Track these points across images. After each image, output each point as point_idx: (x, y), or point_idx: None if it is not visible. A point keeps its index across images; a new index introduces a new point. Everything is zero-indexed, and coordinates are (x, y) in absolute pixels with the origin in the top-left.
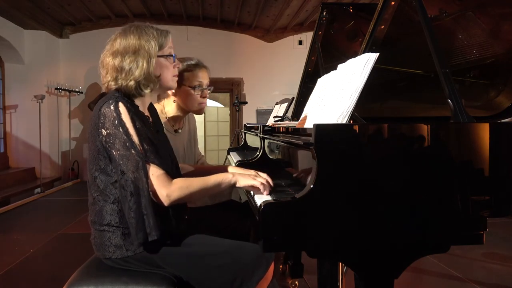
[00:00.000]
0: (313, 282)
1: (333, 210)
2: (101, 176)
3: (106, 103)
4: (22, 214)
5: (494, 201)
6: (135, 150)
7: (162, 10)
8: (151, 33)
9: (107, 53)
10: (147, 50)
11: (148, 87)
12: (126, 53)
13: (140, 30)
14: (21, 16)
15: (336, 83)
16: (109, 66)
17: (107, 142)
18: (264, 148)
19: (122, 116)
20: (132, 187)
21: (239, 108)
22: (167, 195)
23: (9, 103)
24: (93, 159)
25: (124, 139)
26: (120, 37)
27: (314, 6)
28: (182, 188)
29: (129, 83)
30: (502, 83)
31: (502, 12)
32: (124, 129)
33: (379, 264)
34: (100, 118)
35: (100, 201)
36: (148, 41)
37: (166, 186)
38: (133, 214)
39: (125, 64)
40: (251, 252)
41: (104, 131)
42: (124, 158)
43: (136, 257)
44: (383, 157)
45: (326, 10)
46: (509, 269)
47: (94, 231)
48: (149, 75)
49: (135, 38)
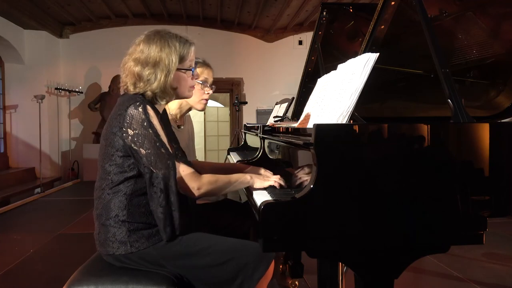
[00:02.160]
0: (313, 282)
1: (333, 210)
2: (116, 170)
3: (133, 104)
4: (22, 214)
5: (494, 201)
6: (165, 150)
7: (162, 10)
8: (174, 46)
9: (129, 58)
10: (166, 65)
11: (164, 100)
12: (146, 64)
13: (164, 41)
14: (21, 16)
15: (336, 83)
16: (130, 71)
17: (135, 141)
18: (264, 148)
19: (151, 118)
20: (162, 185)
21: (239, 108)
22: (198, 188)
23: (9, 103)
24: (108, 154)
25: (154, 139)
26: (143, 44)
27: (314, 6)
28: (211, 182)
29: (147, 93)
30: (502, 83)
31: (502, 12)
32: (154, 130)
33: (379, 264)
34: (126, 118)
35: (110, 194)
36: (169, 54)
37: (196, 180)
38: (162, 210)
39: (144, 75)
40: (252, 250)
41: (131, 131)
42: (153, 157)
43: (139, 254)
44: (383, 157)
45: (326, 10)
46: (509, 269)
47: (99, 226)
48: (166, 88)
49: (157, 49)
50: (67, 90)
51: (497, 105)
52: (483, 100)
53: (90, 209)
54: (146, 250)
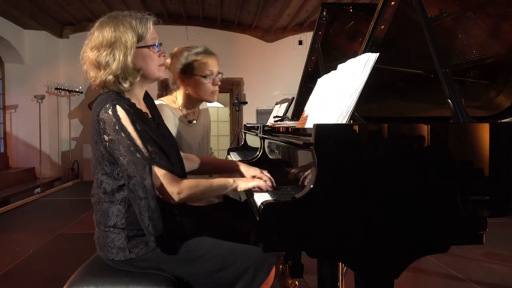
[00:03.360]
0: (313, 282)
1: (333, 210)
2: (107, 180)
3: (104, 107)
4: (22, 214)
5: (494, 201)
6: (140, 154)
7: (162, 10)
8: (128, 23)
9: (86, 48)
10: (123, 42)
11: (126, 81)
12: (101, 47)
13: (116, 21)
14: (21, 16)
15: (336, 83)
16: (88, 60)
17: (111, 148)
18: (264, 148)
19: (122, 121)
20: (141, 191)
21: (239, 108)
22: (177, 192)
23: (9, 103)
24: (97, 163)
25: (127, 144)
26: (97, 30)
27: (314, 6)
28: (191, 187)
29: (108, 78)
30: (502, 83)
31: (502, 12)
32: (126, 134)
33: (379, 264)
34: (100, 124)
35: (106, 202)
36: (124, 32)
37: (176, 184)
38: (145, 218)
39: (102, 58)
40: (253, 255)
41: (107, 137)
42: (130, 163)
43: (138, 260)
44: (383, 157)
45: (326, 10)
46: (509, 269)
47: (98, 231)
48: (127, 68)
49: (111, 30)
50: (67, 90)
51: (497, 105)
52: (483, 100)
53: (90, 209)
54: (145, 256)
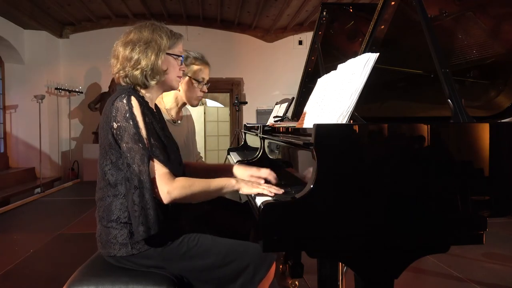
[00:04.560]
0: (313, 282)
1: (332, 210)
2: (112, 170)
3: (119, 97)
4: (22, 214)
5: (494, 201)
6: (142, 144)
7: (162, 10)
8: (165, 31)
9: (119, 43)
10: (158, 44)
11: (154, 79)
12: (137, 43)
13: (156, 27)
14: (21, 16)
15: (336, 83)
16: (120, 55)
17: (117, 134)
18: (264, 148)
19: (134, 110)
20: (136, 181)
21: (239, 108)
22: (168, 192)
23: (9, 103)
24: (104, 153)
25: (133, 132)
26: (135, 30)
27: (314, 6)
28: (184, 187)
29: (135, 72)
30: (502, 83)
31: (502, 12)
32: (134, 122)
33: (379, 264)
34: (112, 112)
35: (110, 196)
36: (161, 36)
37: (168, 183)
38: (136, 207)
39: (134, 54)
40: (253, 252)
41: (115, 124)
42: (131, 151)
43: (140, 256)
44: (383, 157)
45: (326, 10)
46: (509, 269)
47: (101, 228)
48: (156, 67)
49: (149, 32)
50: (67, 90)
51: (497, 105)
52: (483, 100)
53: (90, 209)
54: (147, 252)
